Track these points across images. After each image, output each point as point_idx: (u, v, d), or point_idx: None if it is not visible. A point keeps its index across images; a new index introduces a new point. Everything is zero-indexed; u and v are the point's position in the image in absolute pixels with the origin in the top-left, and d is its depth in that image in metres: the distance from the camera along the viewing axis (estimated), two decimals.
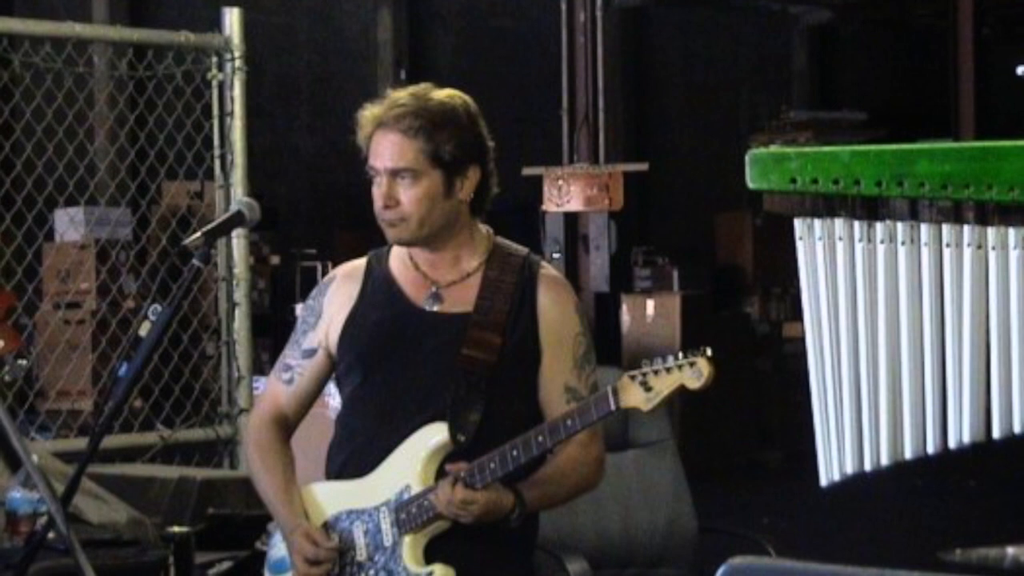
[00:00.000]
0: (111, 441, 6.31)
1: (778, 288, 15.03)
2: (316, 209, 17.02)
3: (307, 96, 17.44)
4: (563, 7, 12.50)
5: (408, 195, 3.91)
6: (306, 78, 17.47)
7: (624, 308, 13.39)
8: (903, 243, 2.81)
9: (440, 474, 3.89)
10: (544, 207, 12.04)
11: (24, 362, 5.79)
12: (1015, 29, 19.07)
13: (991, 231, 2.77)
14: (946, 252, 2.80)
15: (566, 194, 11.70)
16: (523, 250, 4.08)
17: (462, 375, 3.91)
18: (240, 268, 6.81)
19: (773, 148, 2.92)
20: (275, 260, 14.47)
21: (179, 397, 7.00)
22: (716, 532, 5.43)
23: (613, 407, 3.78)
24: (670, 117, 19.71)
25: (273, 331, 12.72)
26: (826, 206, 2.85)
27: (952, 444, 2.81)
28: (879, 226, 2.82)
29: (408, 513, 3.89)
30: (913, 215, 2.81)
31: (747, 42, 20.26)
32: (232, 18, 6.85)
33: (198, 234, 3.82)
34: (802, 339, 2.92)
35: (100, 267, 11.34)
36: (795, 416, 12.01)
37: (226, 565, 5.40)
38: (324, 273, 9.25)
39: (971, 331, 2.78)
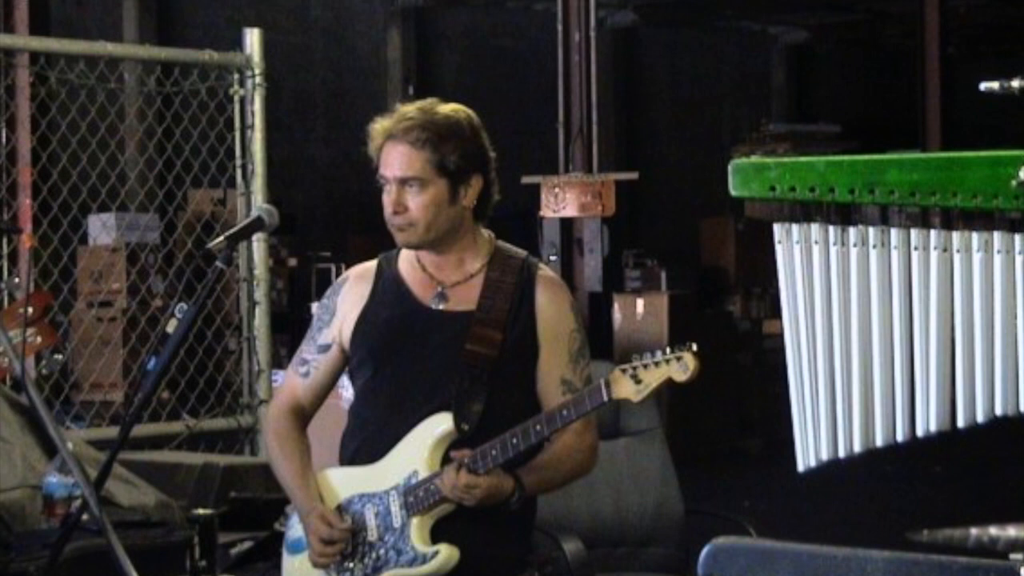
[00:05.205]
0: (140, 430, 6.30)
1: (758, 288, 15.04)
2: (331, 215, 17.01)
3: (322, 110, 17.43)
4: (559, 28, 12.47)
5: (416, 202, 3.91)
6: (321, 93, 17.46)
7: (616, 307, 13.38)
8: (874, 246, 2.80)
9: (446, 460, 3.88)
10: (542, 213, 12.01)
11: (60, 357, 5.77)
12: (978, 48, 19.08)
13: (956, 235, 2.77)
14: (914, 255, 2.79)
15: (562, 201, 11.69)
16: (522, 253, 4.07)
17: (466, 369, 3.91)
18: (260, 269, 6.80)
19: (754, 158, 2.91)
20: (292, 262, 14.46)
21: (203, 389, 7.00)
22: (701, 514, 5.42)
23: (605, 398, 3.78)
24: (658, 130, 19.70)
25: (291, 328, 12.71)
26: (803, 212, 2.84)
27: (920, 432, 2.81)
28: (852, 231, 2.82)
29: (416, 496, 3.89)
30: (884, 220, 2.81)
31: (729, 60, 20.26)
32: (252, 38, 6.85)
33: (221, 238, 3.81)
34: (781, 335, 2.92)
35: (130, 269, 11.34)
36: (774, 406, 12.01)
37: (247, 544, 5.40)
38: (338, 274, 9.23)
39: (937, 328, 2.78)
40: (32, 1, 9.89)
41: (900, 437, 2.82)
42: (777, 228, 2.86)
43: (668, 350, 3.74)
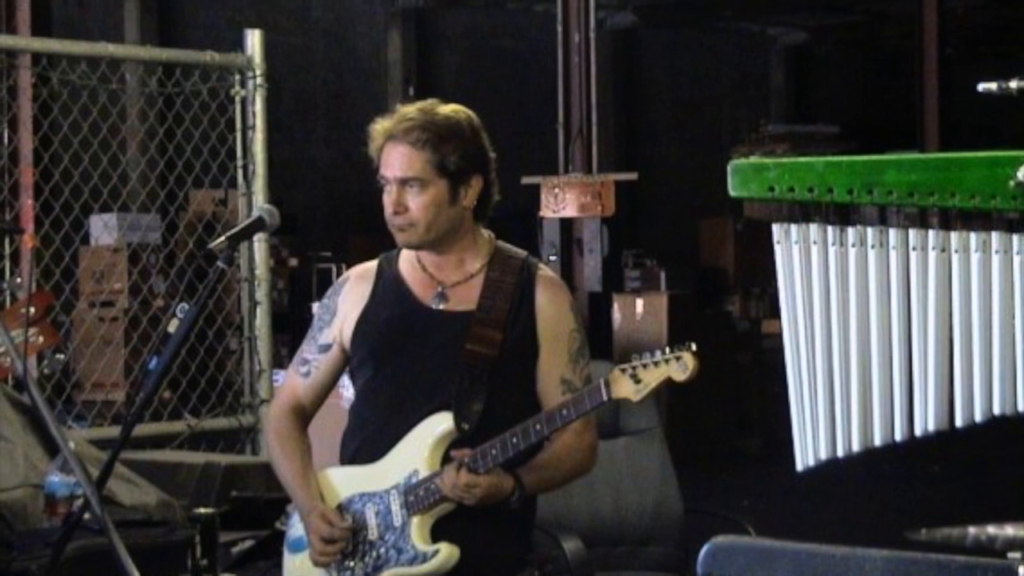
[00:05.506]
0: (142, 429, 6.30)
1: (757, 288, 15.04)
2: (331, 215, 17.01)
3: (323, 111, 17.43)
4: (559, 28, 12.47)
5: (416, 202, 3.91)
6: (322, 94, 17.46)
7: (615, 306, 13.38)
8: (873, 247, 2.80)
9: (446, 460, 3.88)
10: (541, 213, 12.01)
11: (62, 356, 5.78)
12: (976, 49, 19.09)
13: (954, 236, 2.77)
14: (912, 255, 2.79)
15: (562, 201, 11.69)
16: (522, 253, 4.07)
17: (466, 368, 3.91)
18: (261, 269, 6.81)
19: (753, 159, 2.91)
20: (293, 262, 14.46)
21: (205, 389, 7.00)
22: (700, 513, 5.42)
23: (605, 398, 3.78)
24: (658, 130, 19.71)
25: (291, 328, 12.71)
26: (802, 212, 2.84)
27: (918, 432, 2.81)
28: (850, 231, 2.82)
29: (416, 496, 3.89)
30: (882, 221, 2.81)
31: (729, 61, 20.27)
32: (254, 39, 6.85)
33: (222, 238, 3.81)
34: (779, 335, 2.92)
35: (132, 269, 11.34)
36: (773, 406, 12.01)
37: (248, 543, 5.40)
38: (338, 274, 9.26)
39: (935, 328, 2.78)
40: (34, 2, 9.89)
41: (898, 436, 2.82)
42: (776, 228, 2.86)
43: (667, 350, 3.74)
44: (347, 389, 4.32)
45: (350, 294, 4.07)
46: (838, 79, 20.95)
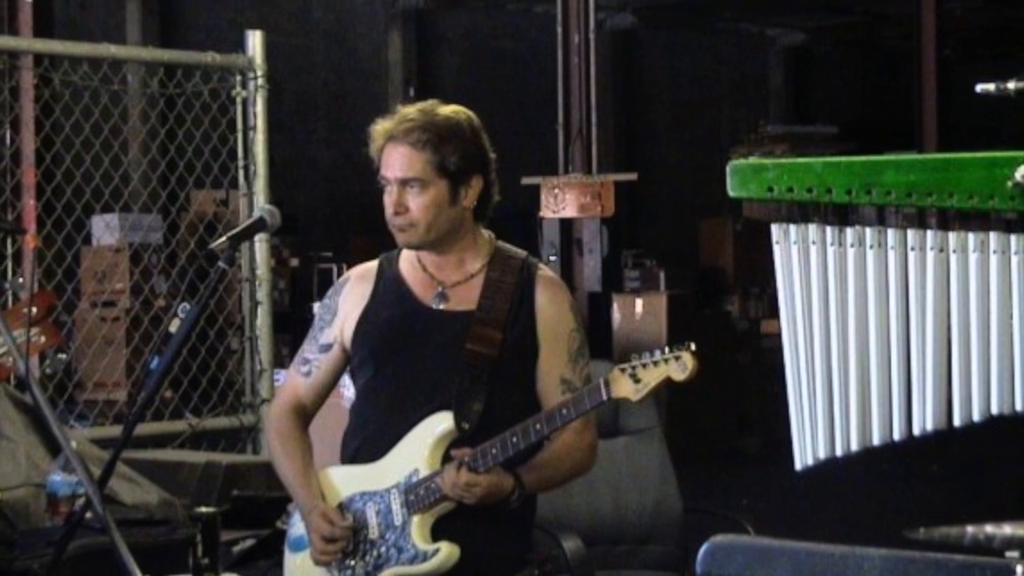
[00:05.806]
0: (144, 429, 6.31)
1: (756, 288, 15.04)
2: (332, 216, 17.01)
3: (324, 112, 17.43)
4: (559, 30, 12.46)
5: (416, 203, 3.91)
6: (323, 95, 17.46)
7: (615, 306, 13.38)
8: (871, 247, 2.80)
9: (446, 459, 3.89)
10: (541, 214, 12.01)
11: (63, 356, 5.79)
12: (974, 50, 19.10)
13: (952, 236, 2.77)
14: (911, 255, 2.79)
15: (562, 202, 11.68)
16: (522, 253, 4.08)
17: (466, 368, 3.91)
18: (262, 269, 6.81)
19: (752, 159, 2.91)
20: (294, 262, 14.45)
21: (206, 388, 7.00)
22: (699, 512, 5.42)
23: (605, 397, 3.78)
24: (657, 131, 19.70)
25: (292, 327, 12.71)
26: (800, 213, 2.84)
27: (916, 431, 2.81)
28: (849, 231, 2.82)
29: (416, 495, 3.89)
30: (880, 221, 2.81)
31: (728, 62, 20.27)
32: (255, 40, 6.85)
33: (224, 238, 3.81)
34: (778, 335, 2.92)
35: (133, 269, 11.34)
36: (772, 406, 12.00)
37: (249, 542, 5.40)
38: (339, 274, 9.25)
39: (933, 328, 2.78)
40: (36, 3, 9.90)
41: (897, 436, 2.82)
42: (775, 229, 2.86)
43: (667, 350, 3.74)
44: (348, 388, 4.32)
45: (351, 294, 4.07)
46: (837, 80, 20.95)
